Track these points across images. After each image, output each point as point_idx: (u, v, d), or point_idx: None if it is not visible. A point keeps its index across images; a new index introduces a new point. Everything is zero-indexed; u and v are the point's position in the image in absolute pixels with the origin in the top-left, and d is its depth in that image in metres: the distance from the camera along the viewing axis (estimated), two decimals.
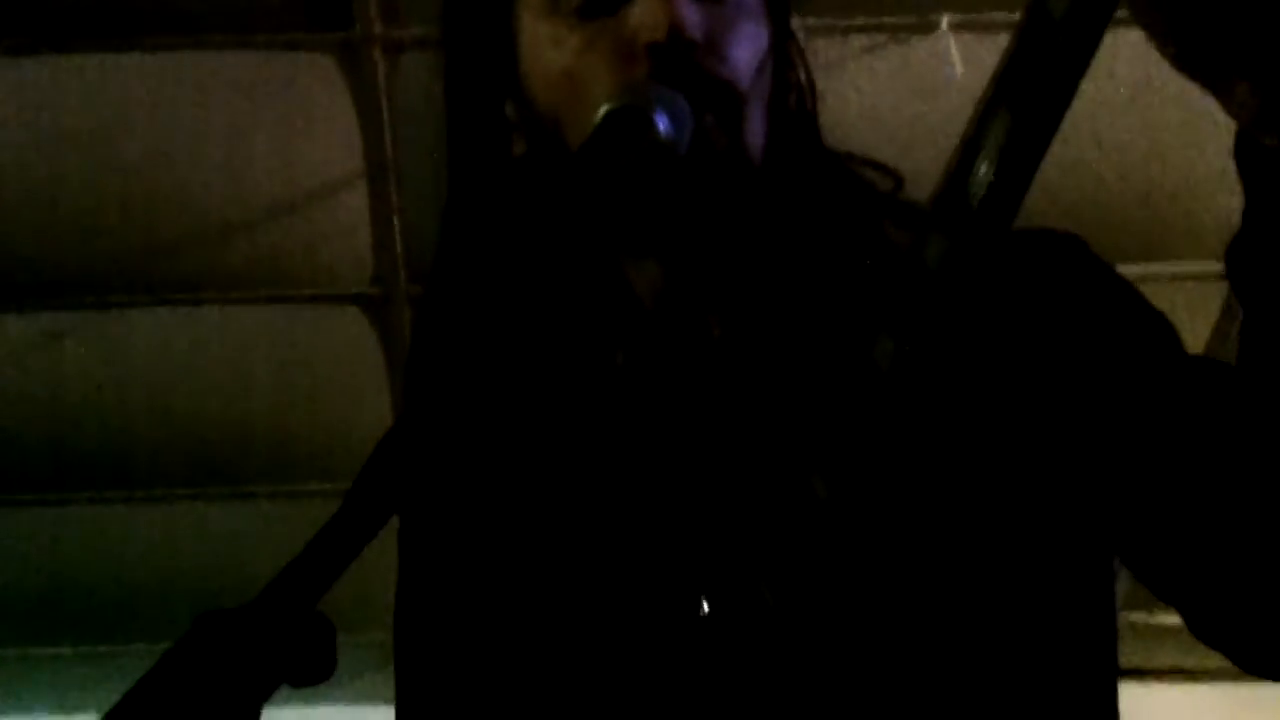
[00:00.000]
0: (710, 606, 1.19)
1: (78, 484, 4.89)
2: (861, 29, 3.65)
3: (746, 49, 1.32)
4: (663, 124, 1.22)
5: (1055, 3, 1.02)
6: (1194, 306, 4.14)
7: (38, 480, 4.86)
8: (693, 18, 1.29)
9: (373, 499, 1.05)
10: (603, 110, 1.24)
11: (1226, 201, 3.66)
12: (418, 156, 3.89)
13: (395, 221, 4.11)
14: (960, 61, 3.63)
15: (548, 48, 1.33)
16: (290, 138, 3.92)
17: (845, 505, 1.12)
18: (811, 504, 1.13)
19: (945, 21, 3.63)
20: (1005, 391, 1.26)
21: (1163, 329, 1.31)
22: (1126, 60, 3.41)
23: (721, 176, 1.30)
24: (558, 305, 1.34)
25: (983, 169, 1.04)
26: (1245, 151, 1.08)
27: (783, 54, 1.39)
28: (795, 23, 1.44)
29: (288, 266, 4.24)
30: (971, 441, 1.24)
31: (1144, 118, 3.83)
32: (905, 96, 3.80)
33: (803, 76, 1.42)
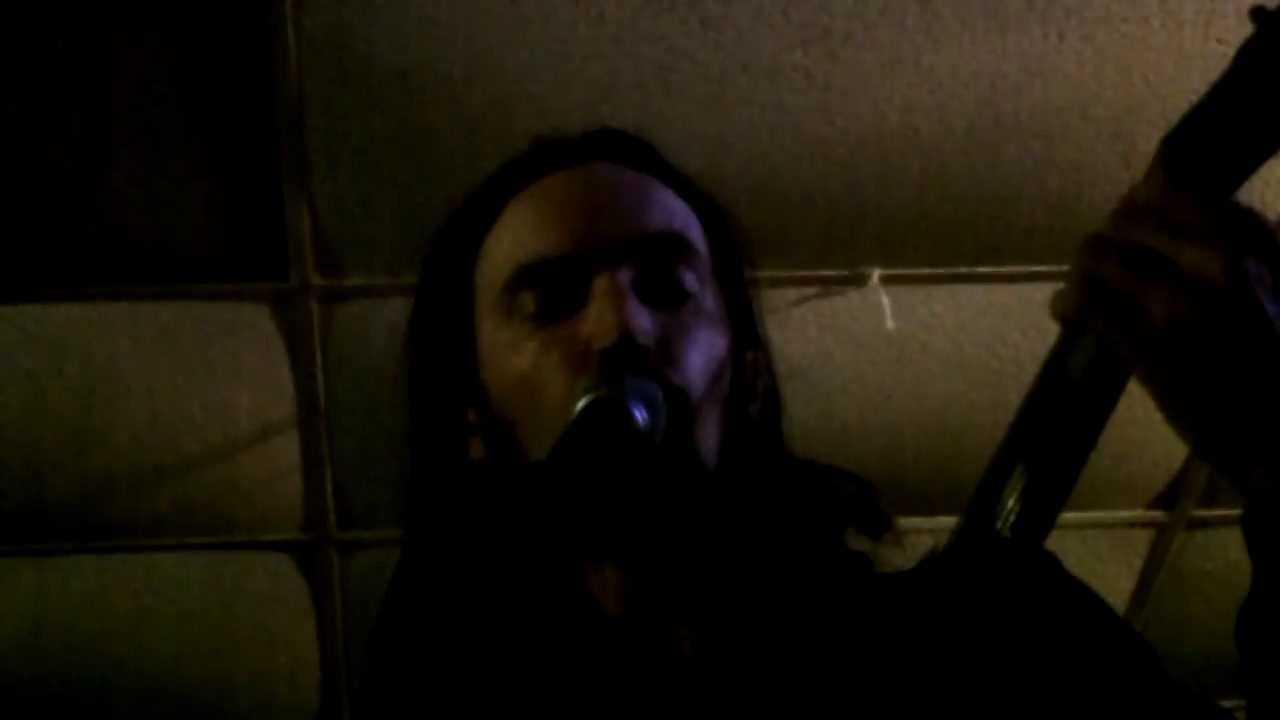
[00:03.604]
0: None
1: None
2: (792, 281, 3.69)
3: (701, 355, 1.31)
4: (639, 414, 1.21)
5: (1074, 362, 1.04)
6: (1120, 554, 4.15)
7: None
8: (644, 324, 1.28)
9: None
10: (581, 402, 1.22)
11: (1155, 451, 3.67)
12: (350, 405, 3.90)
13: (327, 469, 4.10)
14: (891, 314, 3.67)
15: (506, 353, 1.33)
16: (223, 384, 3.91)
17: None
18: None
19: (876, 275, 3.67)
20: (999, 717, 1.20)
21: (1146, 653, 1.28)
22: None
23: (680, 478, 1.27)
24: (517, 612, 1.32)
25: (998, 526, 1.03)
26: (1254, 527, 1.06)
27: (742, 360, 1.39)
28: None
29: (219, 512, 4.21)
30: None
31: None
32: (835, 348, 3.84)
33: (767, 385, 1.41)
